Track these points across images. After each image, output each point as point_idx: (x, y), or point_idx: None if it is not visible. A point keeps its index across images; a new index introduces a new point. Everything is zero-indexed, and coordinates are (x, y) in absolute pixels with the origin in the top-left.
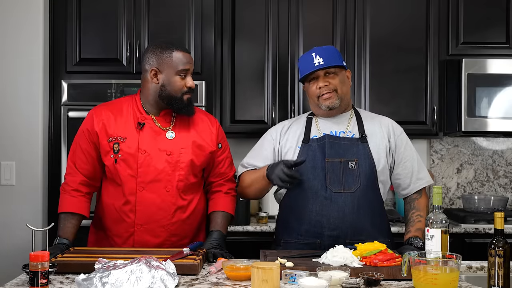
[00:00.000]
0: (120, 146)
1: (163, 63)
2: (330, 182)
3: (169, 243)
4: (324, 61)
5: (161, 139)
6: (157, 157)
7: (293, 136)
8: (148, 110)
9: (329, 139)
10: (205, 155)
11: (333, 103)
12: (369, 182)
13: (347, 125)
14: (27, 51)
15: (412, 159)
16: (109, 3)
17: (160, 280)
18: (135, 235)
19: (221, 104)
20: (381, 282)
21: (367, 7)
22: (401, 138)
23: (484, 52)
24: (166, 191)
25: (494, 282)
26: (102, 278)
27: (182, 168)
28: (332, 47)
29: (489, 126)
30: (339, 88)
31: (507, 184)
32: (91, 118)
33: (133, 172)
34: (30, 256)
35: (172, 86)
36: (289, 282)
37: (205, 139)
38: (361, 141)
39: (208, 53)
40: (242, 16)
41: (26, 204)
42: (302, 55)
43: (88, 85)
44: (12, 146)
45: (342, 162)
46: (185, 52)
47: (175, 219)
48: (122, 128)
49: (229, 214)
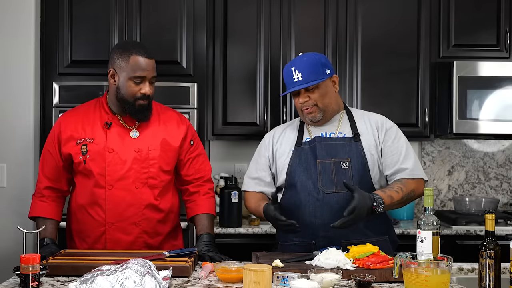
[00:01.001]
0: (88, 147)
1: (119, 65)
2: (322, 183)
3: (142, 241)
4: (303, 76)
5: (128, 137)
6: (125, 155)
7: (287, 140)
8: (114, 110)
9: (319, 141)
10: (174, 151)
11: (315, 117)
12: (363, 181)
13: (337, 126)
14: (19, 53)
15: (399, 153)
16: (100, 5)
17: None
18: (107, 234)
19: (213, 106)
20: (373, 284)
21: (359, 9)
22: (389, 133)
23: (475, 55)
24: (135, 188)
25: (485, 283)
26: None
27: (152, 165)
28: (313, 58)
29: (480, 128)
30: (319, 102)
31: (498, 186)
32: (58, 126)
33: (101, 171)
34: (21, 259)
35: (125, 90)
36: (281, 284)
37: (173, 136)
38: (354, 140)
39: (200, 55)
40: (234, 18)
41: (17, 206)
42: (286, 65)
43: (80, 87)
44: (3, 148)
45: (334, 162)
46: (146, 57)
47: (146, 216)
48: (89, 130)
49: (213, 215)
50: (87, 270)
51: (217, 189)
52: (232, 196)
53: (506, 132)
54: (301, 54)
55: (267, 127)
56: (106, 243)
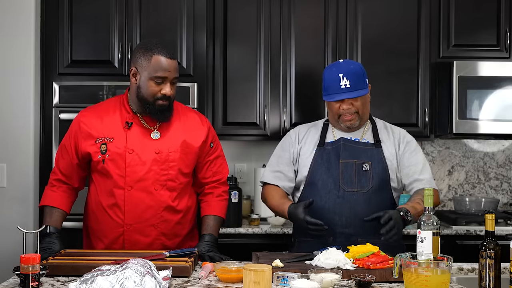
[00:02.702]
0: (107, 146)
1: (141, 64)
2: (343, 181)
3: (159, 242)
4: (351, 84)
5: (149, 138)
6: (145, 156)
7: (311, 140)
8: (135, 109)
9: (344, 142)
10: (194, 154)
11: (354, 123)
12: (382, 184)
13: (362, 132)
14: (19, 53)
15: (416, 165)
16: (100, 5)
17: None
18: (125, 235)
19: (213, 106)
20: (373, 284)
21: (359, 9)
22: (409, 145)
23: (475, 55)
24: (155, 189)
25: (485, 283)
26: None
27: (171, 168)
28: (358, 67)
29: (480, 128)
30: (360, 110)
31: (498, 186)
32: (77, 123)
33: (121, 172)
34: (21, 259)
35: (145, 89)
36: (281, 284)
37: (194, 138)
38: (375, 146)
39: (200, 54)
40: (234, 18)
41: (17, 206)
42: (328, 67)
43: (80, 87)
44: (3, 148)
45: (356, 164)
46: (169, 58)
47: (165, 218)
48: (109, 129)
49: (221, 218)
50: (87, 270)
51: None
52: (232, 196)
53: (506, 132)
54: (345, 61)
55: (267, 127)
56: (124, 244)
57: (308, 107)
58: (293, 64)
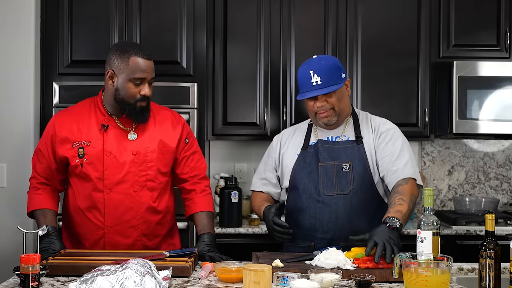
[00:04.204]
0: (85, 150)
1: (118, 66)
2: (323, 185)
3: (140, 243)
4: (322, 80)
5: (126, 140)
6: (122, 158)
7: (294, 143)
8: (110, 111)
9: (322, 144)
10: (171, 152)
11: (330, 120)
12: (364, 183)
13: (343, 129)
14: (19, 53)
15: (391, 155)
16: (100, 5)
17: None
18: (105, 237)
19: (213, 106)
20: (373, 284)
21: (359, 9)
22: (384, 135)
23: (475, 55)
24: (134, 191)
25: (485, 283)
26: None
27: (150, 168)
28: (330, 62)
29: (480, 128)
30: (336, 106)
31: (498, 186)
32: (52, 125)
33: (99, 175)
34: (21, 259)
35: (124, 91)
36: (281, 284)
37: (170, 137)
38: (356, 143)
39: (200, 55)
40: (234, 18)
41: (17, 206)
42: (300, 67)
43: (80, 87)
44: (3, 148)
45: (335, 165)
46: (145, 58)
47: (145, 219)
48: (86, 132)
49: (211, 212)
50: (87, 270)
51: (217, 189)
52: (232, 196)
53: (506, 132)
54: (317, 57)
55: (267, 127)
56: (104, 247)
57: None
58: (293, 64)
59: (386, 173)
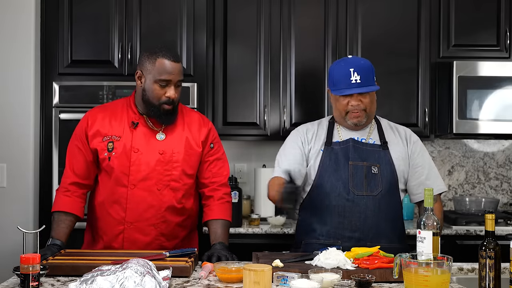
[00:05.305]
0: (114, 144)
1: (146, 68)
2: (353, 184)
3: (158, 243)
4: (362, 80)
5: (154, 139)
6: (149, 156)
7: (318, 139)
8: (141, 110)
9: (353, 143)
10: (197, 155)
11: (361, 121)
12: (390, 188)
13: (368, 132)
14: (19, 53)
15: (423, 167)
16: (100, 5)
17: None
18: (125, 233)
19: (213, 106)
20: (373, 284)
21: (359, 9)
22: (415, 146)
23: (475, 55)
24: (157, 189)
25: (485, 283)
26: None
27: (175, 168)
28: (368, 63)
29: (480, 128)
30: (368, 107)
31: (498, 186)
32: (85, 120)
33: (125, 170)
34: (21, 259)
35: (150, 92)
36: (281, 284)
37: (196, 140)
38: (382, 148)
39: (200, 54)
40: (234, 18)
41: (17, 206)
42: (336, 62)
43: (80, 87)
44: (3, 148)
45: (365, 166)
46: (172, 61)
47: (165, 219)
48: (116, 128)
49: (226, 221)
50: (87, 270)
51: None
52: (232, 196)
53: (506, 132)
54: (354, 57)
55: (267, 127)
56: (123, 242)
57: (308, 107)
58: (293, 64)
59: (418, 184)
